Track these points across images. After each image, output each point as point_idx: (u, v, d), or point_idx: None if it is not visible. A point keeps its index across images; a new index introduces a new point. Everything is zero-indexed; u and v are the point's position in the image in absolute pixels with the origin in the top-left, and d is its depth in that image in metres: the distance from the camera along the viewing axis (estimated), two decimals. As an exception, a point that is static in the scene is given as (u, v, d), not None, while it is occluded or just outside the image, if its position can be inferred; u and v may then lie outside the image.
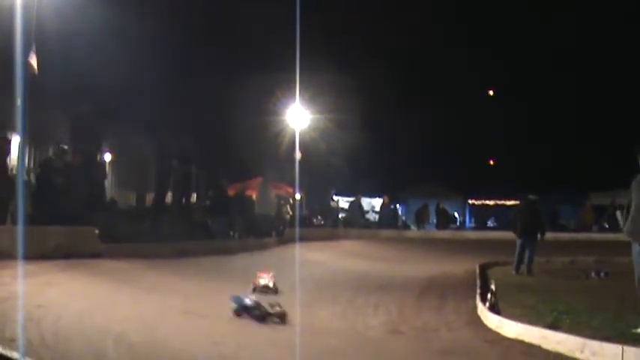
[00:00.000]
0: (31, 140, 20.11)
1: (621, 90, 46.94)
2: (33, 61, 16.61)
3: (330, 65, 35.08)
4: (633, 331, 10.15)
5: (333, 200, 43.10)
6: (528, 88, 50.88)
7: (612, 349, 9.19)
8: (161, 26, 26.51)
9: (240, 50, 33.32)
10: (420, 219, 40.43)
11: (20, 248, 13.55)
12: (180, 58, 27.69)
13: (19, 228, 14.68)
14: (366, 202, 42.48)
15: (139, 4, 25.62)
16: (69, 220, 17.78)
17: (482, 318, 12.43)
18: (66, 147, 22.58)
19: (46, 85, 18.56)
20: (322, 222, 38.66)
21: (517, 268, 20.68)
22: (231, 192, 31.19)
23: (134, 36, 23.51)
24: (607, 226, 36.99)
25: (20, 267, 12.74)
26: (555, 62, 50.04)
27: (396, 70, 47.13)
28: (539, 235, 21.10)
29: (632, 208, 10.66)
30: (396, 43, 45.98)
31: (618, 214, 36.44)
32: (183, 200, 26.76)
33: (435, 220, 40.99)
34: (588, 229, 37.12)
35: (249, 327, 11.25)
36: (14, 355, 3.55)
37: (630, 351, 8.97)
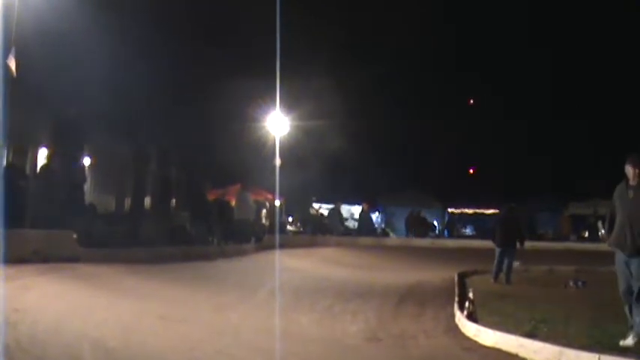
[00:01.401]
0: (10, 143, 19.96)
1: (602, 100, 47.23)
2: (12, 63, 16.50)
3: (311, 72, 35.11)
4: (621, 343, 10.20)
5: (313, 207, 43.13)
6: (508, 97, 51.05)
7: (588, 357, 9.24)
8: (142, 31, 26.45)
9: (222, 55, 33.28)
10: (411, 226, 40.33)
11: (-1, 252, 13.49)
12: (160, 62, 27.62)
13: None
14: (346, 210, 42.46)
15: (120, 8, 25.54)
16: (48, 224, 17.71)
17: (460, 326, 12.46)
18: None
19: (27, 88, 18.46)
20: (301, 229, 38.74)
21: (496, 277, 20.74)
22: (210, 197, 31.14)
23: (115, 40, 23.43)
24: (587, 236, 37.19)
25: (-2, 271, 12.68)
26: (535, 70, 50.20)
27: (377, 77, 47.19)
28: (518, 244, 21.18)
29: (618, 217, 10.66)
30: (377, 51, 46.16)
31: (600, 224, 36.81)
32: (162, 205, 26.67)
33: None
34: (566, 239, 37.29)
35: (227, 333, 11.24)
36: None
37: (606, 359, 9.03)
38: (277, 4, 20.97)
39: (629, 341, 10.22)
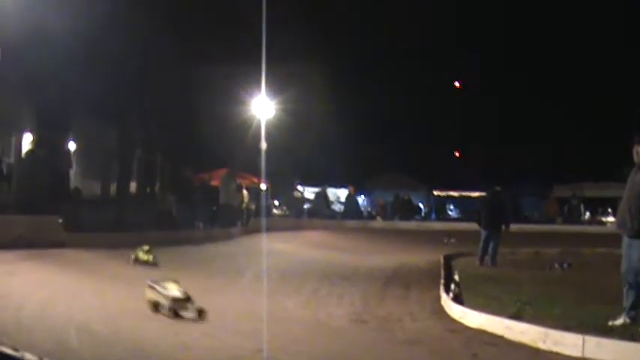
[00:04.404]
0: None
1: (588, 87, 47.28)
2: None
3: (296, 55, 35.03)
4: (610, 323, 10.25)
5: (298, 190, 43.14)
6: (495, 80, 50.96)
7: (573, 338, 9.28)
8: (127, 14, 26.34)
9: (207, 39, 33.17)
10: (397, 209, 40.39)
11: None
12: (146, 46, 27.50)
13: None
14: (332, 193, 42.51)
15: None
16: (33, 209, 17.69)
17: (446, 308, 12.48)
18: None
19: (10, 74, 18.38)
20: (287, 212, 38.82)
21: (481, 259, 20.77)
22: (196, 182, 31.09)
23: (99, 23, 23.30)
24: (567, 218, 37.40)
25: (-18, 256, 12.65)
26: (522, 56, 50.15)
27: (363, 60, 47.15)
28: (503, 227, 21.21)
29: (622, 201, 10.69)
30: (363, 34, 46.00)
31: (582, 207, 37.12)
32: (148, 189, 26.63)
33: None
34: (552, 221, 37.44)
35: (213, 316, 11.22)
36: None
37: (591, 340, 9.07)
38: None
39: (619, 321, 10.29)
